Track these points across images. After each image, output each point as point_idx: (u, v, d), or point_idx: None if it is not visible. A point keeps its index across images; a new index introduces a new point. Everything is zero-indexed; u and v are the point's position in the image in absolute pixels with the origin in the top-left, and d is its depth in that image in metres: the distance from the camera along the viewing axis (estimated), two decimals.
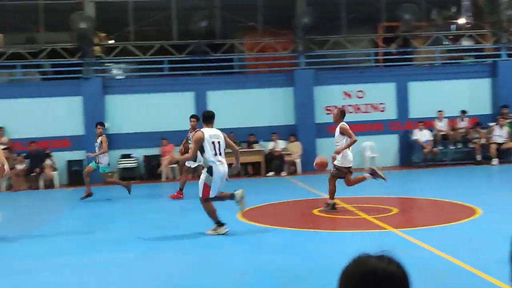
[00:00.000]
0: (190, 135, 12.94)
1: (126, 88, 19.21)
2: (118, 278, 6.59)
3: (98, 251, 8.15)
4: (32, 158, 17.63)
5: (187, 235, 9.00)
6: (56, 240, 9.11)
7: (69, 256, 7.81)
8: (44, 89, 18.85)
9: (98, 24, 18.93)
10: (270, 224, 9.64)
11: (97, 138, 14.14)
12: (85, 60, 18.83)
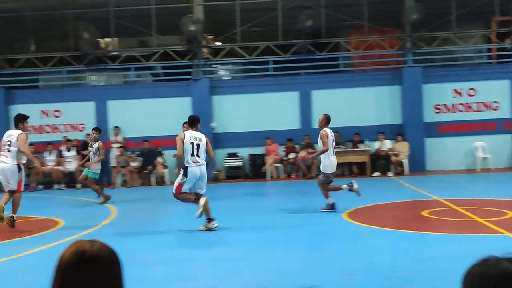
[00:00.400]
0: None
1: (232, 89, 19.65)
2: (227, 273, 6.75)
3: (207, 246, 8.40)
4: (144, 156, 18.49)
5: (291, 235, 9.06)
6: (168, 234, 9.48)
7: (180, 250, 8.12)
8: (156, 90, 19.70)
9: (206, 26, 19.51)
10: (377, 225, 9.48)
11: (93, 143, 14.10)
12: (194, 62, 19.49)
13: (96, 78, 21.46)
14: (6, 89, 19.34)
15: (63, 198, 15.77)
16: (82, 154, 18.34)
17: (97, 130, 14.17)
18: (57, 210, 12.92)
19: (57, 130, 19.34)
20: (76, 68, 19.72)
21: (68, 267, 1.79)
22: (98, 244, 1.85)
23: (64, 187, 18.01)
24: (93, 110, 19.34)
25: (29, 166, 18.16)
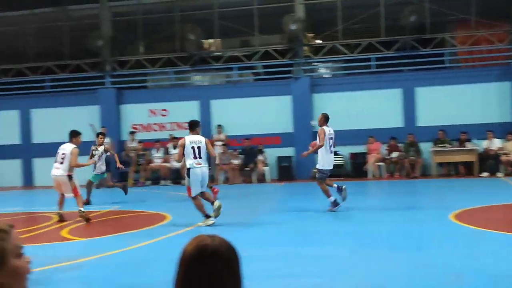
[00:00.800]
0: None
1: (333, 86, 19.56)
2: (331, 271, 6.76)
3: (311, 243, 8.45)
4: (246, 154, 18.84)
5: (396, 234, 8.90)
6: (271, 230, 9.63)
7: (284, 247, 8.22)
8: (257, 89, 20.01)
9: (307, 25, 19.55)
10: (486, 228, 9.10)
11: (98, 147, 14.16)
12: (295, 60, 19.60)
13: (200, 78, 22.12)
14: (117, 89, 20.40)
15: (170, 194, 16.41)
16: None
17: (102, 135, 14.53)
18: (165, 205, 13.45)
19: (164, 128, 20.13)
20: (182, 68, 20.45)
21: (190, 261, 1.90)
22: (218, 239, 1.94)
23: (170, 183, 18.73)
24: (197, 109, 19.96)
25: (137, 163, 19.12)
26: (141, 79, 21.23)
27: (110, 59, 20.56)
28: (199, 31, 19.98)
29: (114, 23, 20.79)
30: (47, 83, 20.94)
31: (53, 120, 20.14)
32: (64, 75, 20.73)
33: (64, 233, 10.06)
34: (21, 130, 20.87)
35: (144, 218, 11.75)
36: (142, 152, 19.27)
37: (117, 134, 19.95)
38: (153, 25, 20.57)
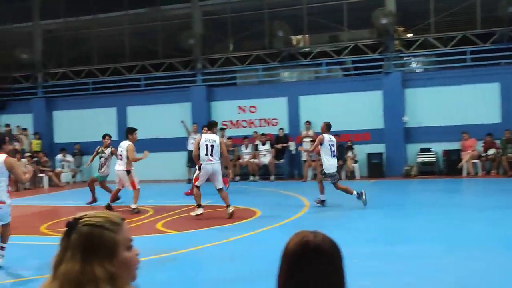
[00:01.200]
0: None
1: (426, 81, 18.97)
2: (423, 270, 6.58)
3: (402, 242, 8.27)
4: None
5: (491, 234, 8.53)
6: (361, 228, 9.51)
7: (375, 245, 8.09)
8: (346, 84, 19.77)
9: (398, 18, 19.09)
10: None
11: (104, 149, 13.99)
12: (385, 55, 19.20)
13: (289, 74, 22.16)
14: (208, 86, 20.84)
15: (258, 189, 16.58)
16: (275, 147, 19.13)
17: (109, 136, 14.55)
18: (254, 201, 13.61)
19: (253, 125, 20.35)
20: (271, 65, 20.58)
21: (293, 257, 1.91)
22: (321, 235, 1.94)
23: (259, 179, 18.91)
24: (286, 105, 20.02)
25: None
26: (231, 76, 21.57)
27: (201, 57, 21.03)
28: (288, 27, 20.01)
29: (204, 22, 21.25)
30: (142, 81, 21.72)
31: (147, 117, 20.89)
32: (157, 73, 21.43)
33: (159, 226, 10.41)
34: (118, 127, 21.78)
35: (234, 213, 11.93)
36: (231, 148, 19.58)
37: None
38: (242, 23, 20.83)
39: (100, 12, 21.93)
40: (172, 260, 7.19)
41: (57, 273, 1.80)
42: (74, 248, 1.80)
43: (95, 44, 22.13)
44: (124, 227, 1.89)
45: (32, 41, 22.91)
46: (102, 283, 1.75)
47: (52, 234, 10.20)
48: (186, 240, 9.12)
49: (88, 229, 1.82)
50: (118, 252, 1.82)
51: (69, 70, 22.55)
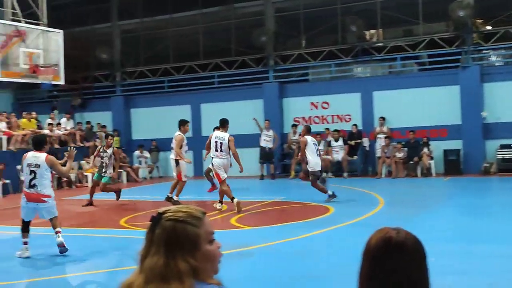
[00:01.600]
0: None
1: (506, 75, 18.22)
2: (504, 271, 6.36)
3: (480, 240, 8.02)
4: (410, 146, 18.29)
5: None
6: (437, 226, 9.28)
7: (453, 244, 7.88)
8: (422, 79, 19.28)
9: (476, 10, 18.43)
10: None
11: (106, 148, 13.84)
12: (463, 48, 18.60)
13: (362, 69, 21.87)
14: (280, 83, 20.90)
15: (331, 186, 16.45)
16: (349, 144, 18.95)
17: (112, 136, 14.58)
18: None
19: (325, 121, 20.23)
20: (343, 60, 20.38)
21: (375, 253, 1.90)
22: (404, 232, 1.93)
23: (332, 175, 18.79)
24: (359, 101, 19.77)
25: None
26: (303, 73, 21.52)
27: (273, 54, 21.11)
28: (361, 22, 19.75)
29: (277, 19, 21.31)
30: (215, 79, 22.06)
31: (220, 114, 21.09)
32: (230, 71, 21.69)
33: (233, 221, 10.56)
34: (192, 124, 22.21)
35: (308, 210, 11.94)
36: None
37: (280, 127, 20.45)
38: (315, 19, 20.74)
39: (176, 12, 22.44)
40: (248, 255, 7.29)
41: (143, 266, 1.87)
42: (158, 242, 1.86)
43: (170, 43, 22.66)
44: (205, 221, 1.93)
45: (111, 41, 23.74)
46: (185, 277, 1.80)
47: (131, 227, 10.56)
48: (260, 235, 9.20)
49: (171, 224, 1.87)
50: (200, 245, 1.86)
51: (146, 69, 23.20)
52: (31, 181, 8.22)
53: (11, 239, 9.14)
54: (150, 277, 1.81)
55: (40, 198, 8.24)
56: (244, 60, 21.60)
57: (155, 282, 1.79)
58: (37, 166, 8.22)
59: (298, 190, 16.31)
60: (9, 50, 16.72)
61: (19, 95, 24.95)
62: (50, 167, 8.33)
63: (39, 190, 8.20)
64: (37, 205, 8.29)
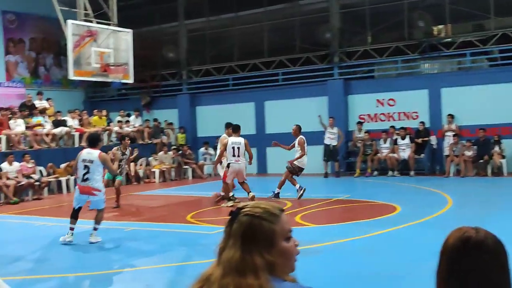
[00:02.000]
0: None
1: None
2: None
3: None
4: (479, 145, 17.74)
5: None
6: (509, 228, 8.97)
7: None
8: (493, 75, 18.63)
9: None
10: None
11: (124, 150, 13.70)
12: None
13: (430, 66, 21.35)
14: (345, 80, 20.70)
15: (398, 185, 16.21)
16: (415, 142, 18.56)
17: (128, 138, 14.85)
18: (393, 196, 13.33)
19: (391, 118, 19.89)
20: (410, 57, 19.96)
21: (453, 252, 1.88)
22: (483, 232, 1.89)
23: (398, 174, 18.47)
24: (427, 98, 19.31)
25: (364, 153, 19.23)
26: (369, 69, 21.23)
27: (338, 51, 20.94)
28: (429, 17, 19.29)
29: (342, 15, 21.11)
30: (279, 76, 22.08)
31: (284, 111, 21.21)
32: (295, 68, 21.67)
33: (298, 218, 10.57)
34: (256, 121, 22.36)
35: (373, 208, 11.80)
36: (369, 143, 19.32)
37: (345, 124, 20.27)
38: (380, 15, 20.41)
39: (240, 10, 22.62)
40: (315, 252, 7.29)
41: (221, 259, 1.91)
42: (235, 236, 1.90)
43: (235, 41, 22.87)
44: (282, 218, 1.95)
45: (178, 40, 24.20)
46: (261, 271, 1.82)
47: (196, 223, 10.77)
48: (326, 233, 9.18)
49: (248, 219, 1.90)
50: (276, 242, 1.89)
51: (211, 67, 23.51)
52: (84, 175, 9.04)
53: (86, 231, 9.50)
54: (227, 270, 1.85)
55: (91, 191, 9.06)
56: (308, 57, 21.51)
57: (231, 275, 1.83)
58: (91, 162, 9.03)
59: (363, 189, 16.16)
60: (82, 49, 17.32)
61: (90, 93, 25.83)
62: (102, 163, 9.13)
63: (90, 184, 9.01)
64: (88, 198, 9.20)
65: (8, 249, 9.06)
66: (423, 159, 18.62)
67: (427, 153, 18.64)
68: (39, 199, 16.14)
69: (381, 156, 18.97)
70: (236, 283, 1.80)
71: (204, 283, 1.90)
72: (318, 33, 20.74)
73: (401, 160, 18.64)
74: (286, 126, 19.18)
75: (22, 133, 17.84)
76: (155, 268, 7.45)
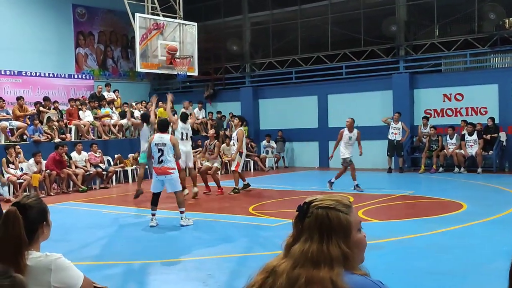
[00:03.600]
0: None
1: None
2: None
3: None
4: None
5: None
6: None
7: None
8: None
9: None
10: None
11: None
12: None
13: (500, 60, 20.57)
14: (410, 74, 20.24)
15: (464, 182, 15.75)
16: (484, 138, 17.96)
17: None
18: (460, 193, 12.96)
19: (459, 113, 19.31)
20: (480, 50, 19.30)
21: None
22: None
23: (465, 170, 17.93)
24: (496, 93, 18.63)
25: (430, 148, 18.77)
26: (435, 63, 20.66)
27: (404, 44, 20.49)
28: (501, 9, 18.57)
29: (408, 7, 20.63)
30: (343, 69, 21.83)
31: (347, 105, 20.98)
32: (359, 61, 21.36)
33: (360, 213, 10.44)
34: (319, 115, 22.22)
35: (439, 205, 11.52)
36: (435, 138, 18.83)
37: (410, 119, 19.84)
38: (449, 7, 19.81)
39: (304, 3, 22.48)
40: (378, 248, 7.18)
41: (290, 252, 1.91)
42: (311, 229, 1.90)
43: (299, 34, 22.76)
44: (353, 209, 1.96)
45: (242, 33, 24.32)
46: (336, 263, 1.83)
47: (258, 215, 10.82)
48: (389, 229, 9.03)
49: (324, 212, 1.91)
50: (352, 233, 1.90)
51: (274, 60, 23.50)
52: (160, 157, 9.66)
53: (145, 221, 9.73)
54: (300, 262, 1.85)
55: (167, 171, 9.64)
56: (373, 50, 21.17)
57: (305, 267, 1.83)
58: (164, 145, 9.69)
59: (428, 185, 15.81)
60: (149, 42, 17.68)
61: (156, 85, 26.36)
62: (172, 146, 9.74)
63: (166, 164, 9.62)
64: (165, 177, 9.68)
65: (76, 235, 9.39)
66: (492, 156, 17.99)
67: (496, 150, 18.00)
68: (106, 188, 16.66)
69: (447, 152, 18.46)
70: (308, 275, 1.81)
71: (269, 274, 1.90)
72: (383, 26, 20.35)
73: (469, 156, 18.08)
74: None
75: (91, 124, 18.42)
76: (216, 258, 7.53)
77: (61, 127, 17.61)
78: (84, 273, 2.85)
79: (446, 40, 19.90)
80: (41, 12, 21.82)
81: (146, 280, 6.72)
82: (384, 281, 1.89)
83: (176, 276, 6.69)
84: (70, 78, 22.36)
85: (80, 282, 2.79)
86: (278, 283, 1.85)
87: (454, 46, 19.55)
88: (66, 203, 13.33)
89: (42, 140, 16.59)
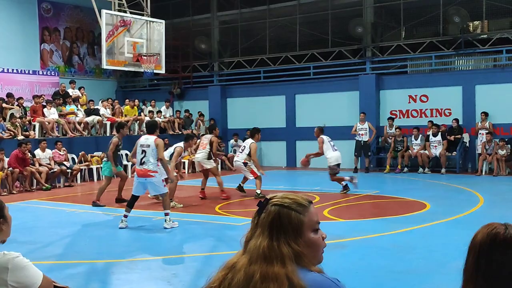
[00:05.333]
0: None
1: None
2: None
3: None
4: None
5: None
6: None
7: None
8: None
9: None
10: None
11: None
12: None
13: (464, 62, 20.98)
14: (377, 75, 20.48)
15: (428, 182, 16.01)
16: (448, 139, 18.29)
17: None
18: (424, 193, 13.16)
19: (424, 114, 19.62)
20: (445, 53, 19.64)
21: (480, 248, 1.84)
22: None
23: (429, 171, 18.23)
24: (460, 95, 19.00)
25: (395, 149, 18.99)
26: (401, 65, 20.94)
27: (371, 45, 20.72)
28: (465, 12, 18.93)
29: (376, 9, 20.86)
30: (311, 70, 21.95)
31: (315, 105, 21.13)
32: (326, 62, 21.51)
33: (325, 212, 10.53)
34: (287, 114, 22.31)
35: (403, 205, 11.69)
36: (400, 139, 19.10)
37: (376, 120, 20.07)
38: (415, 9, 20.10)
39: (273, 3, 22.53)
40: (341, 247, 7.25)
41: (247, 247, 1.91)
42: (263, 225, 1.90)
43: (267, 34, 22.80)
44: (311, 209, 1.94)
45: (210, 32, 24.24)
46: (288, 260, 1.83)
47: (225, 214, 10.81)
48: (353, 228, 9.12)
49: (276, 209, 1.91)
50: (303, 233, 1.89)
51: (243, 59, 23.50)
52: (142, 159, 9.53)
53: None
54: (254, 258, 1.85)
55: (148, 173, 9.47)
56: (340, 51, 21.35)
57: (258, 263, 1.83)
58: (147, 146, 9.57)
59: (393, 185, 16.02)
60: (115, 39, 17.49)
61: (122, 83, 26.10)
62: (156, 147, 9.52)
63: (147, 167, 9.46)
64: (145, 180, 9.52)
65: (39, 234, 9.23)
66: (455, 157, 18.34)
67: (460, 151, 18.35)
68: (70, 186, 16.43)
69: (412, 153, 18.75)
70: (262, 271, 1.81)
71: (229, 271, 1.90)
72: (350, 27, 20.53)
73: (433, 157, 18.40)
74: (316, 120, 19.12)
75: (55, 121, 18.14)
76: (181, 258, 7.50)
77: (24, 124, 17.30)
78: (46, 272, 2.81)
79: (412, 42, 20.19)
80: (5, 7, 21.38)
81: (109, 280, 6.65)
82: (346, 280, 1.90)
83: (139, 275, 6.64)
84: (35, 74, 21.95)
85: (39, 281, 2.74)
86: (236, 279, 1.85)
87: (420, 48, 19.86)
88: (29, 202, 13.10)
89: (4, 137, 16.27)
